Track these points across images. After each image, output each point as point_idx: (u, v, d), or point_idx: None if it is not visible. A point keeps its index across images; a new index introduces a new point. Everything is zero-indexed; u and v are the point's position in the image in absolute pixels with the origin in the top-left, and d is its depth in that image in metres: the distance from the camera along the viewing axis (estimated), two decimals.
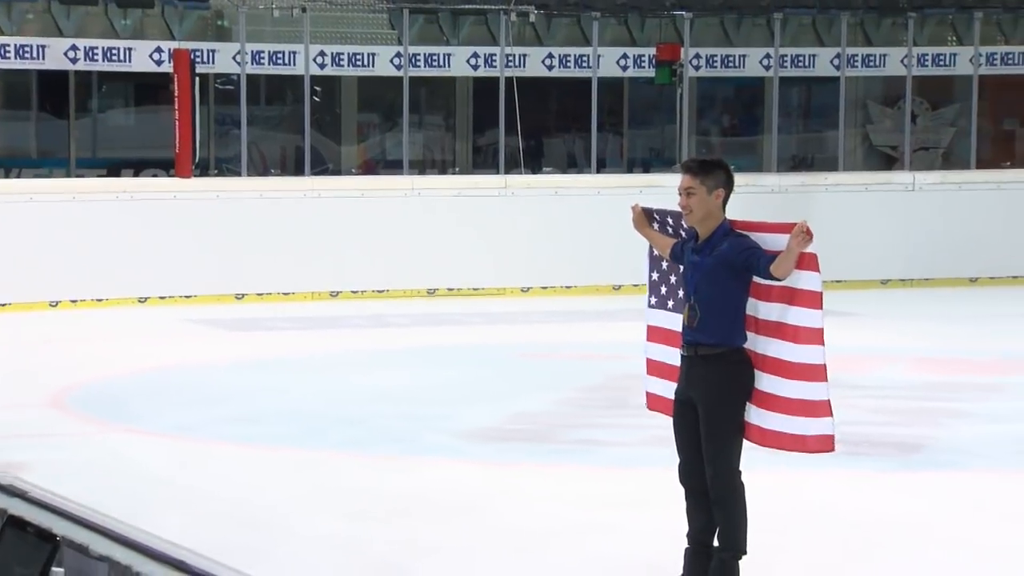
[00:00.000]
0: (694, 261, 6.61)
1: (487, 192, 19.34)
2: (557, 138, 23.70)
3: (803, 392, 6.40)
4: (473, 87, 22.41)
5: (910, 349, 14.80)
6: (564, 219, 19.33)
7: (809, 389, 6.40)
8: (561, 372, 13.44)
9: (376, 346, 15.24)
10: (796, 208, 18.84)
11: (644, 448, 9.94)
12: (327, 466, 9.70)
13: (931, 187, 20.43)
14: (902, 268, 20.16)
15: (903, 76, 21.59)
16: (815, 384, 6.39)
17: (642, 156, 23.68)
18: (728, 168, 6.66)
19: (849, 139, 22.69)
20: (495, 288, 19.20)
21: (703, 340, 6.53)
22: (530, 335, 16.05)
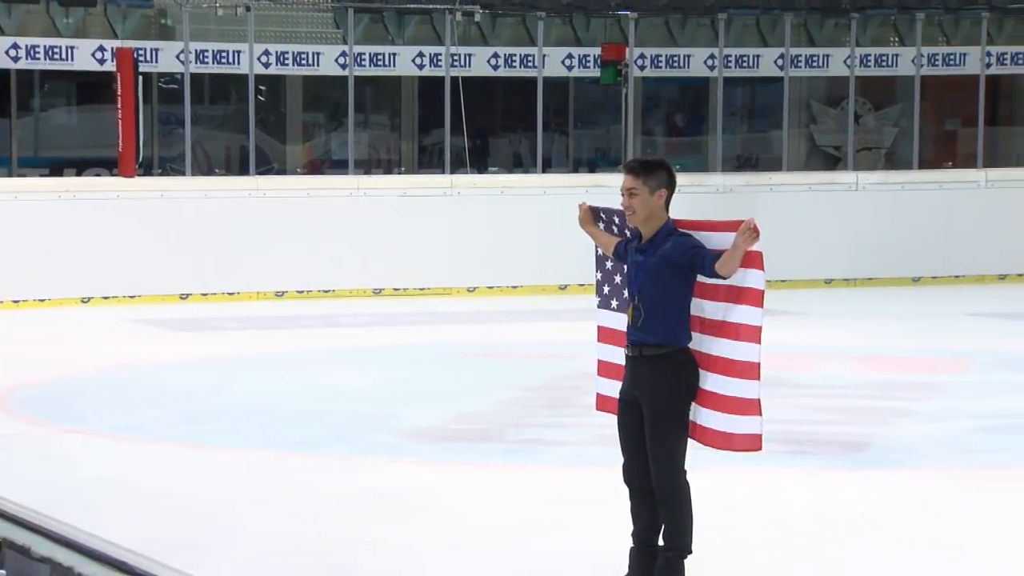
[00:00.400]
0: (638, 261, 6.63)
1: (433, 192, 19.33)
2: (503, 138, 23.71)
3: (739, 390, 6.43)
4: (418, 87, 22.38)
5: (854, 348, 14.90)
6: (510, 219, 19.35)
7: (744, 387, 6.43)
8: (507, 372, 13.45)
9: (322, 346, 15.21)
10: (741, 208, 18.93)
11: (590, 447, 9.97)
12: (274, 466, 9.68)
13: (874, 187, 20.58)
14: (846, 268, 20.30)
15: (846, 76, 21.74)
16: (749, 382, 6.43)
17: (588, 156, 23.73)
18: (670, 168, 6.68)
19: (793, 139, 22.81)
20: (441, 288, 19.19)
21: (647, 340, 6.55)
22: (477, 335, 16.06)
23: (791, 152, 22.34)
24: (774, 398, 11.30)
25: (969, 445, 10.29)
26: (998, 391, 12.33)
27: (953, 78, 22.29)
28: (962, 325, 16.79)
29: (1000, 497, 8.90)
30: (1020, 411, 11.43)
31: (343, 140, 21.04)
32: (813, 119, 24.07)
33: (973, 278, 20.52)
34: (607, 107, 22.79)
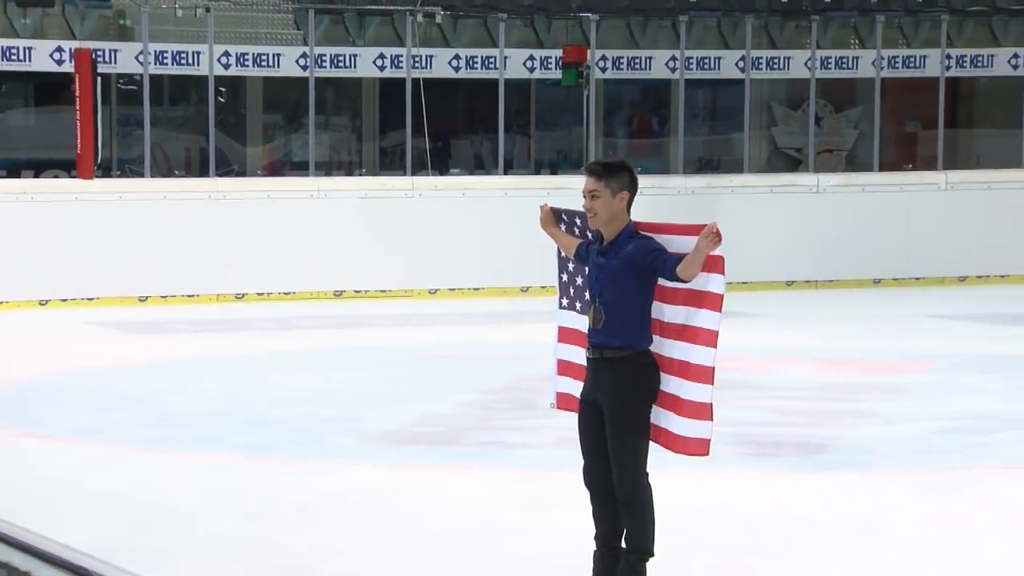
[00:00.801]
0: (599, 263, 6.65)
1: (394, 194, 19.32)
2: (464, 139, 23.71)
3: (695, 394, 6.45)
4: (379, 88, 22.36)
5: (814, 350, 14.97)
6: (471, 221, 19.36)
7: (699, 391, 6.45)
8: (468, 374, 13.45)
9: (282, 348, 15.18)
10: (702, 210, 18.99)
11: (552, 450, 9.98)
12: (233, 469, 9.65)
13: (835, 189, 20.67)
14: (807, 269, 20.38)
15: (807, 79, 21.83)
16: (704, 387, 6.44)
17: (549, 158, 23.75)
18: (632, 170, 6.70)
19: (754, 141, 22.89)
20: (402, 290, 19.18)
21: (608, 342, 6.56)
22: (437, 337, 16.05)
23: (752, 154, 22.42)
24: (735, 400, 11.37)
25: (929, 446, 10.35)
26: (958, 392, 12.41)
27: (913, 80, 22.42)
28: (923, 327, 16.89)
29: (959, 497, 8.96)
30: (979, 412, 11.50)
31: (304, 142, 21.00)
32: (774, 121, 24.17)
33: (934, 280, 20.64)
34: (569, 109, 22.82)
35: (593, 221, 6.65)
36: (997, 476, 9.51)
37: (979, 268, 20.79)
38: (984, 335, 16.10)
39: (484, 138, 22.98)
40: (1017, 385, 12.85)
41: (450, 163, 22.97)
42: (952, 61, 22.12)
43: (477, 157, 23.46)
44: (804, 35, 22.47)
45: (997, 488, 9.19)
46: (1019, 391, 12.55)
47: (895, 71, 22.14)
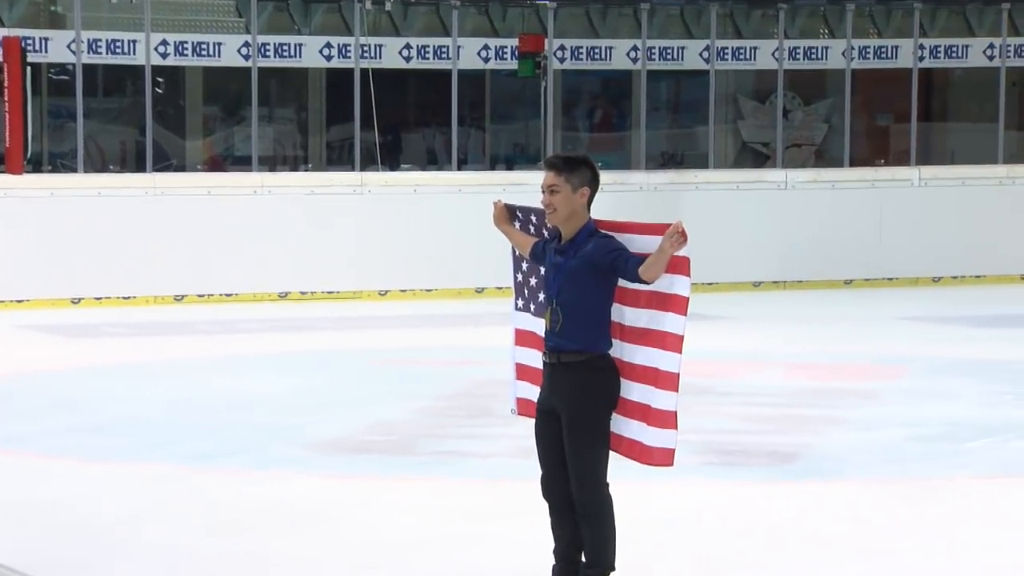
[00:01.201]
0: (557, 262, 6.67)
1: (342, 190, 19.30)
2: (416, 133, 23.70)
3: (660, 402, 6.47)
4: (326, 79, 22.32)
5: (783, 354, 15.04)
6: (424, 218, 19.36)
7: (664, 399, 6.47)
8: (420, 379, 13.46)
9: (224, 353, 15.15)
10: (665, 207, 19.06)
11: (509, 459, 10.00)
12: (173, 479, 9.64)
13: (804, 185, 20.77)
14: (775, 270, 20.47)
15: (774, 70, 21.92)
16: (669, 394, 6.46)
17: (505, 152, 23.78)
18: (593, 165, 6.73)
19: (719, 135, 22.98)
20: (351, 291, 19.17)
21: (566, 346, 6.59)
22: (388, 341, 16.05)
23: (718, 149, 22.51)
24: (701, 407, 11.43)
25: (902, 454, 10.42)
26: (932, 398, 12.50)
27: (885, 72, 22.55)
28: (895, 330, 16.98)
29: (933, 507, 9.03)
30: (953, 419, 11.59)
31: (246, 135, 20.95)
32: (740, 114, 24.27)
33: (907, 280, 20.77)
34: (525, 101, 22.84)
35: (551, 218, 6.67)
36: (972, 485, 9.59)
37: (954, 268, 20.93)
38: (959, 338, 16.21)
39: (436, 132, 22.98)
40: (993, 390, 12.94)
41: (401, 158, 22.96)
42: (925, 52, 22.26)
43: (429, 151, 23.46)
44: (771, 24, 22.58)
45: (972, 498, 9.27)
46: (995, 396, 12.64)
47: (866, 62, 22.26)
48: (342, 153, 22.28)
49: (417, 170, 22.12)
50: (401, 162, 22.78)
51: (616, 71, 22.47)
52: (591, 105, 24.60)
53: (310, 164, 22.59)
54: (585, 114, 24.57)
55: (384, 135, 21.25)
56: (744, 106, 24.25)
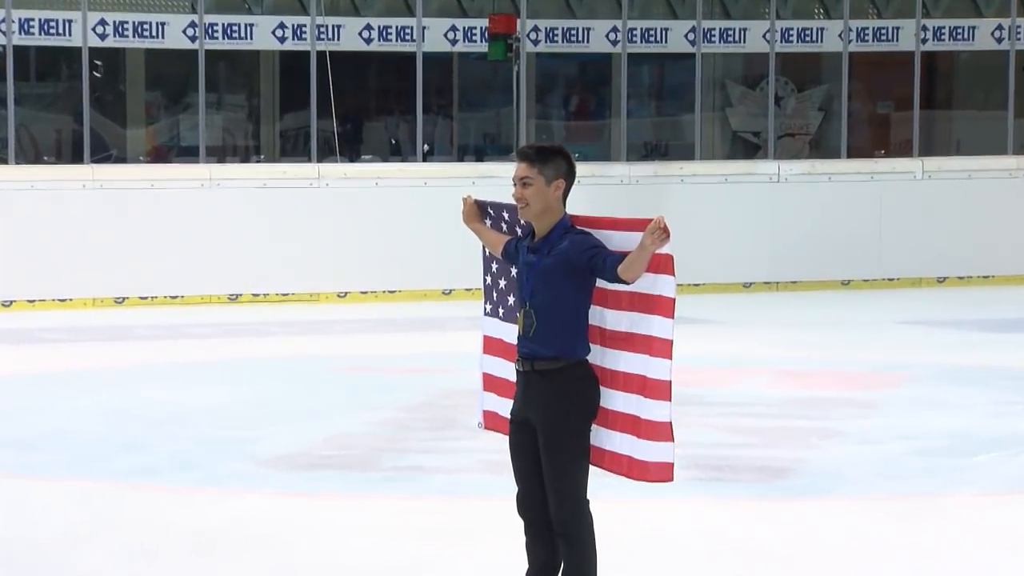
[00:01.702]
0: (529, 261, 6.66)
1: (297, 183, 19.27)
2: (378, 121, 23.69)
3: (651, 412, 6.46)
4: (280, 62, 22.29)
5: (775, 361, 15.06)
6: (386, 214, 19.34)
7: (656, 409, 6.46)
8: (382, 389, 13.45)
9: (168, 360, 15.11)
10: (648, 201, 19.08)
11: (477, 475, 9.99)
12: (111, 498, 9.60)
13: (798, 178, 20.81)
14: (767, 270, 20.51)
15: (765, 53, 21.96)
16: (661, 403, 6.45)
17: (475, 142, 23.78)
18: (569, 156, 6.72)
19: (706, 124, 23.01)
20: (307, 293, 19.14)
21: (540, 352, 6.58)
22: (347, 347, 16.03)
23: (705, 139, 22.55)
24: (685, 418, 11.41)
25: (902, 469, 10.44)
26: (934, 409, 12.52)
27: (885, 55, 22.60)
28: (896, 334, 17.03)
29: (934, 526, 9.05)
30: (958, 431, 11.61)
31: (193, 123, 20.90)
32: (729, 101, 24.30)
33: (909, 281, 20.83)
34: (496, 87, 22.84)
35: (523, 212, 6.66)
36: (978, 503, 9.60)
37: (959, 268, 21.00)
38: (965, 343, 16.26)
39: (400, 120, 22.96)
40: (999, 399, 12.97)
41: (361, 148, 22.95)
42: (929, 34, 22.33)
43: (392, 142, 23.44)
44: (762, 4, 22.62)
45: (975, 516, 9.29)
46: (1003, 406, 12.67)
47: (865, 45, 22.32)
48: (297, 143, 22.25)
49: (379, 162, 22.09)
50: (361, 153, 22.76)
51: (595, 54, 22.48)
52: (567, 91, 24.60)
53: (262, 155, 22.55)
54: (561, 101, 24.57)
55: (343, 124, 21.22)
56: (733, 92, 24.29)
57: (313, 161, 20.11)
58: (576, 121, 24.51)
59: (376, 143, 23.42)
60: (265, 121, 22.97)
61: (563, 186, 6.64)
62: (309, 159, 20.31)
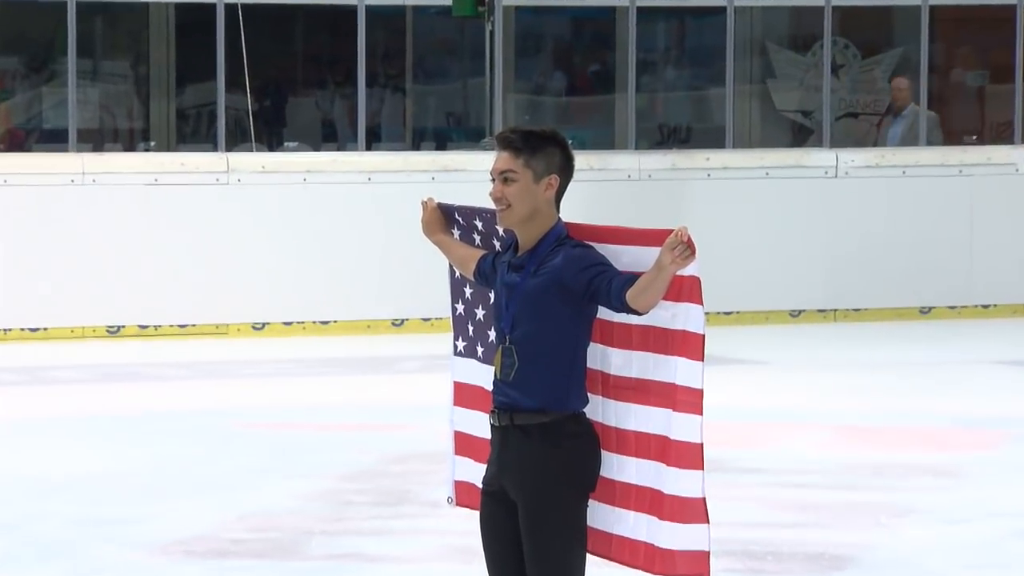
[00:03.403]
0: (511, 282, 6.65)
1: (199, 178, 19.25)
2: (306, 97, 23.71)
3: (677, 484, 6.45)
4: (175, 18, 22.31)
5: (832, 414, 15.07)
6: (318, 219, 19.33)
7: (682, 481, 6.46)
8: (312, 450, 13.44)
9: (29, 413, 15.08)
10: (664, 204, 19.09)
11: (439, 564, 9.99)
12: None
13: (863, 172, 20.83)
14: (820, 293, 20.52)
15: (820, 7, 22.01)
16: (690, 473, 6.44)
17: (435, 125, 23.80)
18: (565, 144, 6.70)
19: (741, 101, 23.04)
20: (212, 324, 19.11)
21: (522, 401, 6.58)
22: (266, 395, 16.02)
23: (739, 120, 22.57)
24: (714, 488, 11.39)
25: (1000, 556, 10.47)
26: None
27: (978, 9, 22.65)
28: (991, 379, 17.05)
29: None
30: None
31: (60, 99, 20.88)
32: (771, 70, 24.35)
33: (1009, 309, 20.86)
34: (463, 51, 22.89)
35: (504, 218, 6.65)
36: None
37: None
38: None
39: (336, 95, 22.98)
40: None
41: (284, 132, 22.95)
42: None
43: (325, 123, 23.45)
44: None
45: None
46: None
47: None
48: (199, 125, 22.25)
49: (308, 150, 22.10)
50: (285, 138, 22.76)
51: (593, 8, 22.54)
52: (558, 57, 24.64)
53: (153, 141, 22.56)
54: (549, 70, 24.61)
55: (260, 99, 21.23)
56: (777, 59, 24.35)
57: (220, 149, 20.09)
58: (570, 97, 24.52)
59: (304, 125, 23.42)
60: (157, 96, 22.97)
61: (556, 184, 6.64)
62: (215, 147, 20.30)
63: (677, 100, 24.18)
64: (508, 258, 6.72)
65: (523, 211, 6.63)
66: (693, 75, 24.12)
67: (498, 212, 6.67)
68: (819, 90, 22.54)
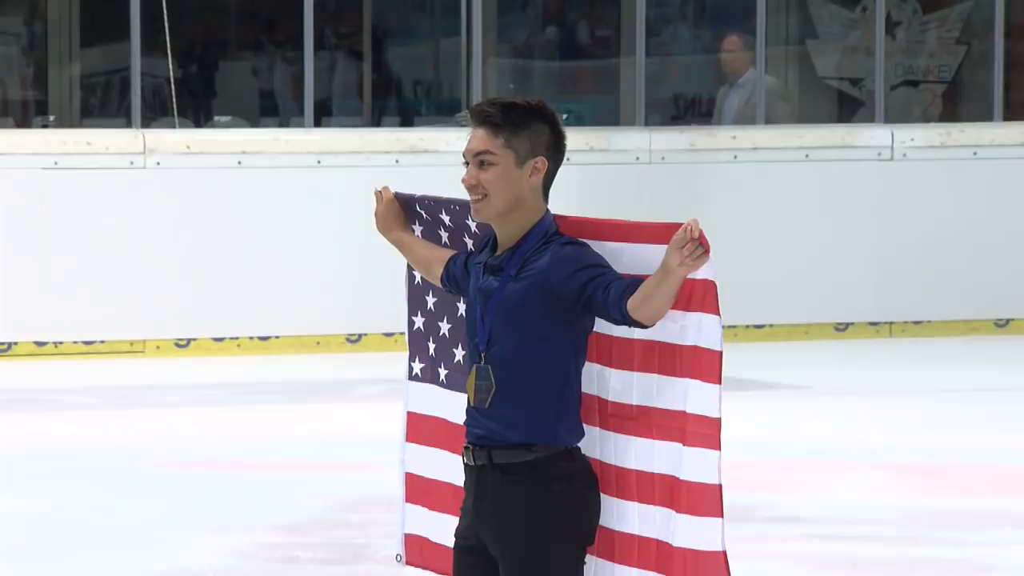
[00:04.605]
0: (487, 287, 6.65)
1: (109, 161, 19.25)
2: (240, 61, 23.73)
3: (690, 536, 6.48)
4: None
5: (888, 449, 15.09)
6: (255, 211, 19.32)
7: (696, 531, 6.47)
8: (246, 495, 13.45)
9: None
10: (680, 192, 19.08)
11: None
12: None
13: (924, 153, 20.86)
14: (873, 302, 20.53)
15: None
16: (705, 522, 6.46)
17: (399, 97, 23.82)
18: (555, 119, 6.70)
19: (775, 65, 23.07)
20: (125, 341, 19.11)
21: (503, 435, 6.58)
22: (189, 428, 16.03)
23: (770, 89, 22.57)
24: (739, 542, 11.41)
25: None
26: None
27: None
28: None
29: None
30: None
31: None
32: (811, 28, 24.40)
33: None
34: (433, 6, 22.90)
35: (479, 209, 6.64)
36: None
37: None
38: None
39: (277, 58, 23.00)
40: None
41: (214, 105, 22.97)
42: None
43: (264, 94, 23.47)
44: None
45: None
46: None
47: None
48: (109, 97, 22.26)
49: (243, 126, 22.10)
50: (215, 112, 22.78)
51: None
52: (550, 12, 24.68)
53: (52, 116, 22.56)
54: (539, 28, 24.65)
55: (184, 66, 21.22)
56: (818, 14, 24.40)
57: (135, 126, 20.09)
58: (565, 62, 24.56)
59: (238, 96, 23.45)
60: (56, 60, 22.98)
61: (543, 168, 6.64)
62: (128, 122, 20.30)
63: (696, 65, 24.22)
64: (484, 259, 6.74)
65: (502, 201, 6.64)
66: (715, 35, 24.13)
67: (472, 203, 6.66)
68: (870, 53, 22.57)
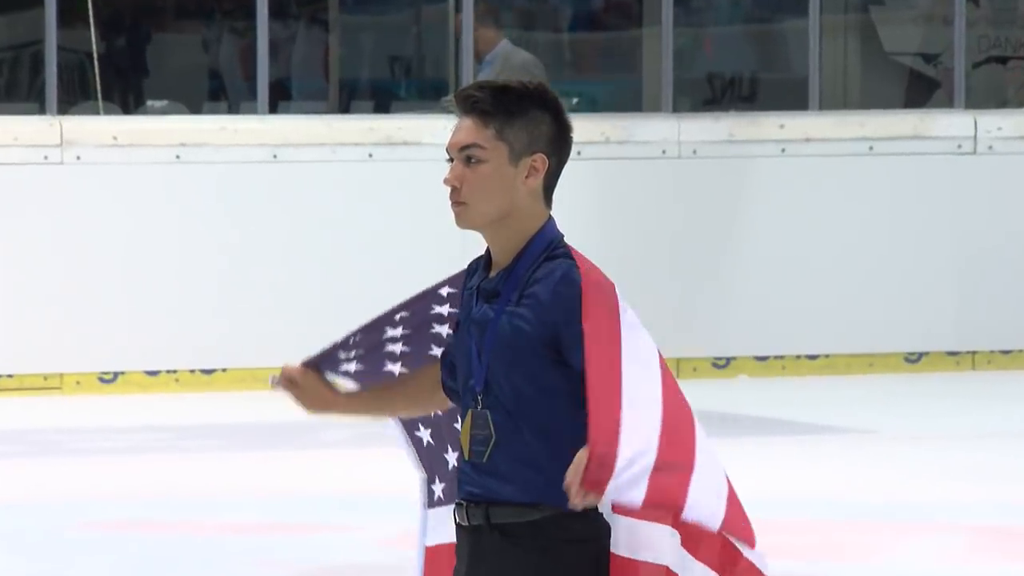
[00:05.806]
0: (481, 318, 6.63)
1: (19, 155, 19.33)
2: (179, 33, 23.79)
3: None
4: None
5: (968, 507, 15.14)
6: (197, 215, 19.37)
7: None
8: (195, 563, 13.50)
9: None
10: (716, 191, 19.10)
11: None
12: None
13: (1014, 145, 20.91)
14: (950, 328, 20.57)
15: None
16: None
17: (373, 75, 23.90)
18: (558, 106, 6.68)
19: (832, 40, 23.13)
20: (38, 375, 19.16)
21: (503, 492, 6.63)
22: (120, 481, 16.07)
23: (828, 68, 22.66)
24: None
25: None
26: None
27: None
28: None
29: None
30: None
31: None
32: None
33: None
34: None
35: (462, 217, 6.52)
36: None
37: None
38: None
39: (224, 30, 23.07)
40: None
41: (145, 86, 23.04)
42: None
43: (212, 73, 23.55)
44: None
45: None
46: None
47: None
48: (17, 76, 22.36)
49: (183, 112, 22.16)
50: (147, 96, 22.84)
51: None
52: None
53: None
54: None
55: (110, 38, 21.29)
56: None
57: (51, 112, 20.16)
58: (576, 33, 24.64)
59: (177, 76, 23.52)
60: None
61: (543, 166, 6.62)
62: (42, 108, 20.37)
63: (734, 38, 24.30)
64: (477, 281, 6.70)
65: (493, 207, 6.58)
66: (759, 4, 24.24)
67: (453, 208, 6.61)
68: (949, 22, 22.64)
